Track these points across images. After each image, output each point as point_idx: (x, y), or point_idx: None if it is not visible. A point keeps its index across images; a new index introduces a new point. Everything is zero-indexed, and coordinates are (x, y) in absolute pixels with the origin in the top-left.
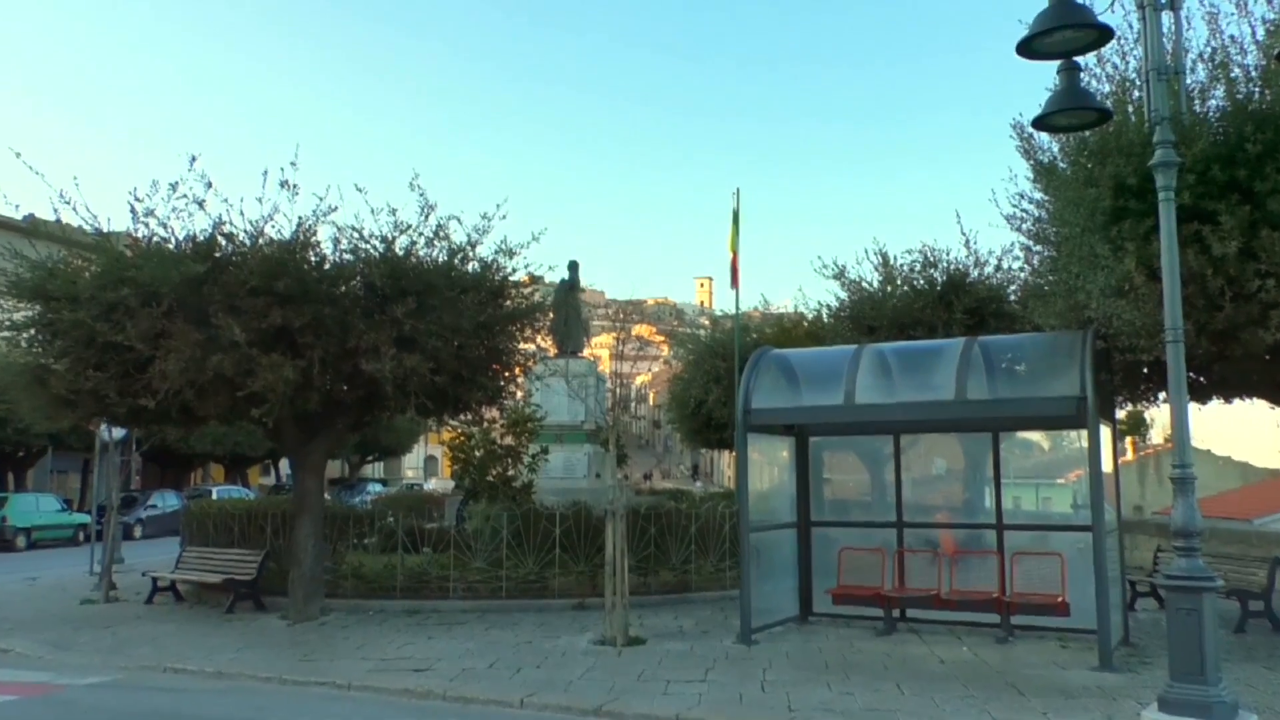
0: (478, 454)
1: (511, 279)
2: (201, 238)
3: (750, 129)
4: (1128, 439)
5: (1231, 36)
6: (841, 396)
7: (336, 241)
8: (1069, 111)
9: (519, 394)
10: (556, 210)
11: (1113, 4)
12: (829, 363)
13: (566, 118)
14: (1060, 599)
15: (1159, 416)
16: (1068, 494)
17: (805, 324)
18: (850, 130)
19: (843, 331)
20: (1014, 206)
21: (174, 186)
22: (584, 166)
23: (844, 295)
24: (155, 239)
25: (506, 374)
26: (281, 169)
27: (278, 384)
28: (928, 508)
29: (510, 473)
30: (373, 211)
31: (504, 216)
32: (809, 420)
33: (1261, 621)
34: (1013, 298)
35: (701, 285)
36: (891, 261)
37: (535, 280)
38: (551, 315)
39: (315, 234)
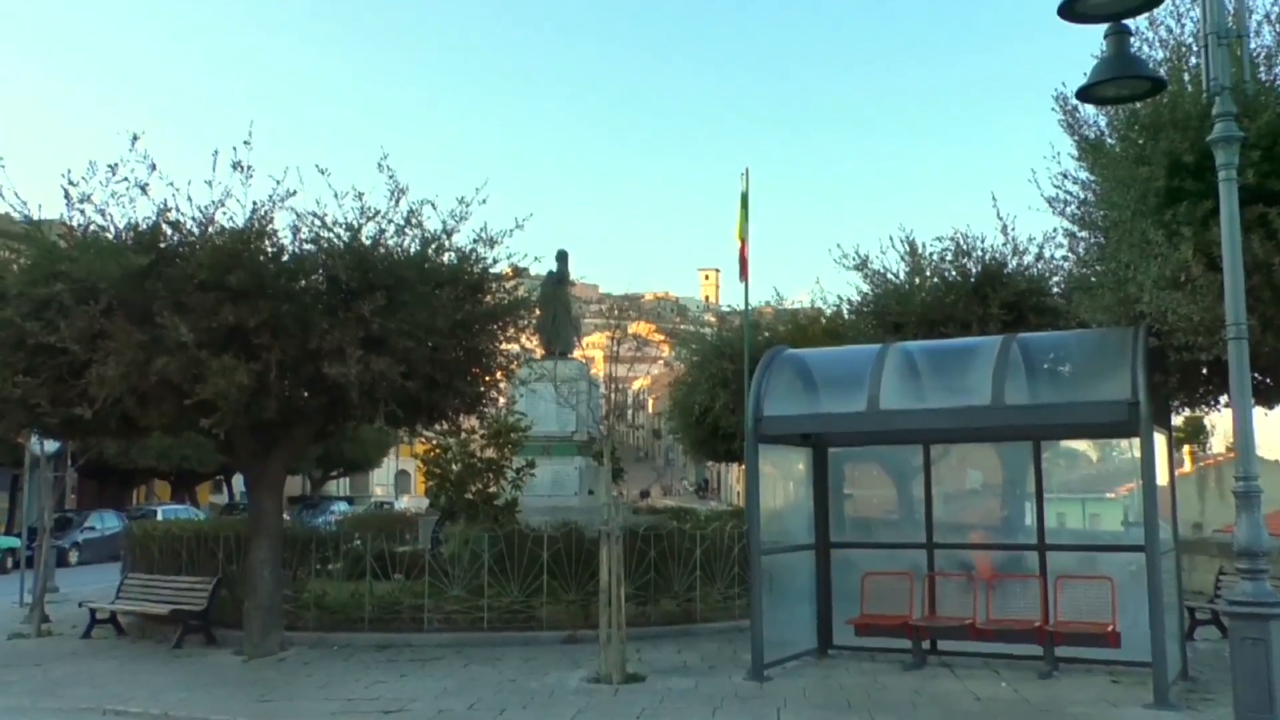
0: (455, 468)
1: (492, 271)
2: (144, 226)
3: (761, 103)
4: (1185, 448)
5: None
6: (864, 402)
7: (296, 230)
8: (1118, 81)
9: (501, 401)
10: (544, 195)
11: None
12: (850, 364)
13: (553, 92)
14: (1110, 628)
15: (1220, 423)
16: (1118, 510)
17: (823, 321)
18: (873, 105)
19: (865, 329)
20: (1056, 188)
21: (113, 169)
22: (574, 147)
23: (866, 288)
24: (92, 228)
25: (487, 378)
26: (234, 149)
27: (230, 390)
28: (961, 526)
29: (492, 490)
30: (336, 196)
31: (484, 201)
32: (828, 429)
33: None
34: (1055, 290)
35: (706, 278)
36: (920, 250)
37: (519, 273)
38: (538, 312)
39: (272, 222)
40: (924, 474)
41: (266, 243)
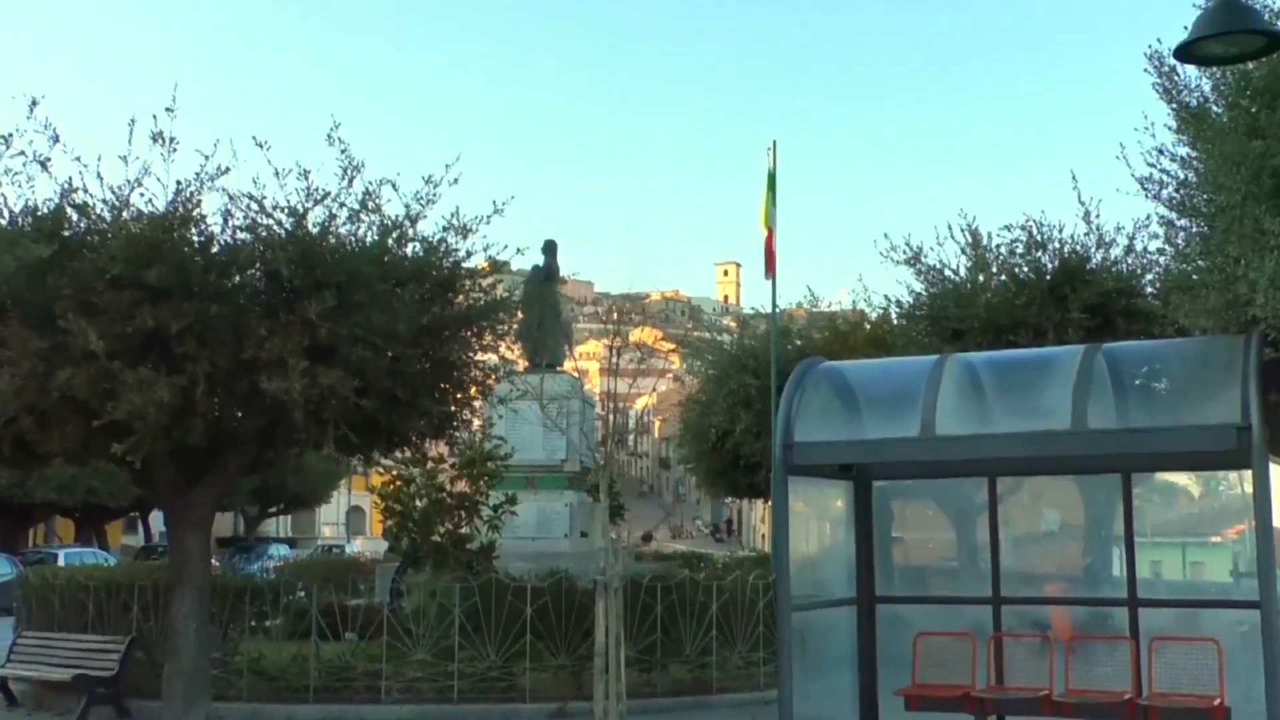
0: (419, 505)
1: (466, 266)
2: (45, 211)
3: (792, 63)
4: None
5: None
6: (917, 426)
7: (228, 215)
8: (1226, 37)
9: (476, 423)
10: (528, 175)
11: None
12: (900, 379)
13: (540, 53)
14: (1217, 701)
15: None
16: (1226, 557)
17: (867, 326)
18: (925, 66)
19: (918, 337)
20: (1150, 166)
21: (7, 140)
22: (565, 115)
23: (920, 287)
24: None
25: (459, 395)
26: (154, 117)
27: (147, 409)
28: (1034, 577)
29: (464, 531)
30: (277, 174)
31: (455, 181)
32: (873, 458)
33: None
34: (1149, 290)
35: (725, 274)
36: (984, 242)
37: (498, 267)
38: (521, 315)
39: (199, 205)
40: (989, 513)
41: (192, 231)
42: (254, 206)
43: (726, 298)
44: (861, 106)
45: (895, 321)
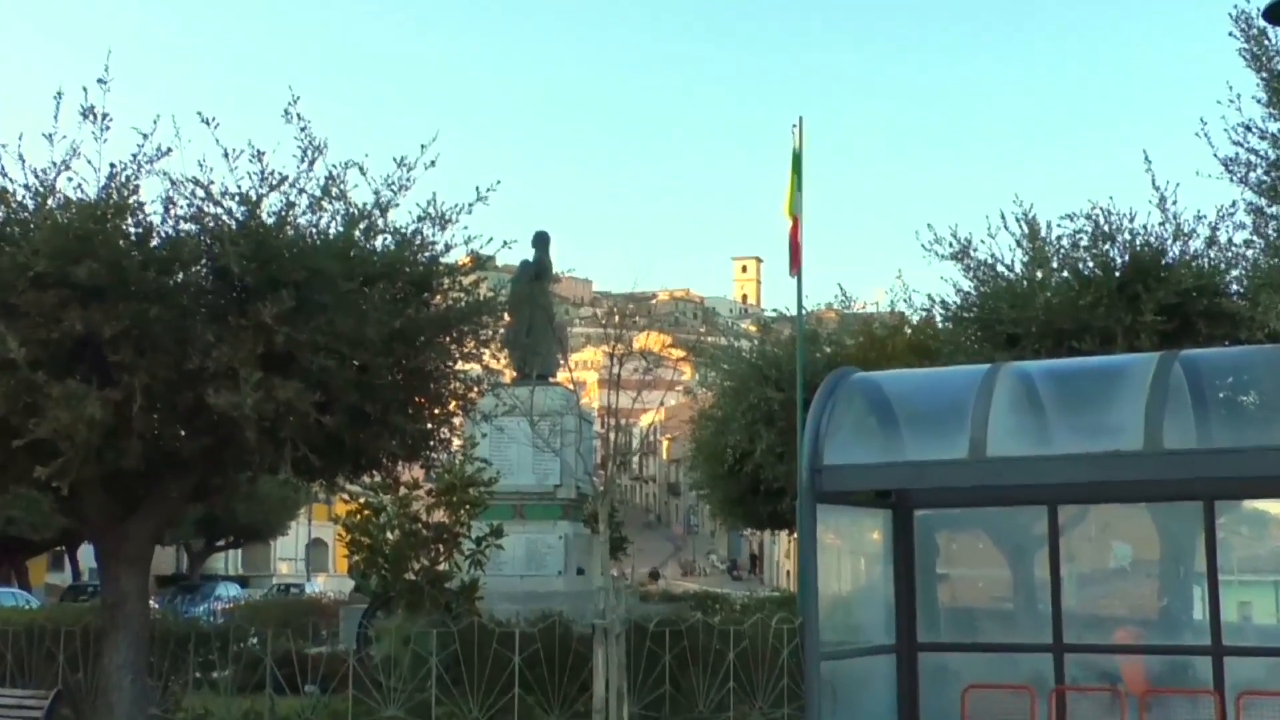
0: (390, 537)
1: (444, 261)
2: None
3: (819, 30)
4: None
5: None
6: (965, 446)
7: (170, 203)
8: None
9: (456, 443)
10: (518, 159)
11: None
12: (945, 392)
13: (528, 24)
14: None
15: None
16: None
17: (908, 331)
18: (972, 33)
19: (967, 343)
20: (1236, 144)
21: None
22: (563, 92)
23: (969, 285)
24: None
25: (436, 411)
26: (85, 89)
27: (77, 427)
28: (1102, 621)
29: (442, 567)
30: (227, 156)
31: (432, 163)
32: (914, 483)
33: None
34: (1235, 288)
35: (743, 270)
36: (1044, 233)
37: (482, 263)
38: (508, 318)
39: (137, 192)
40: (1049, 547)
41: (129, 221)
42: (200, 193)
43: (745, 297)
44: (900, 79)
45: (940, 325)
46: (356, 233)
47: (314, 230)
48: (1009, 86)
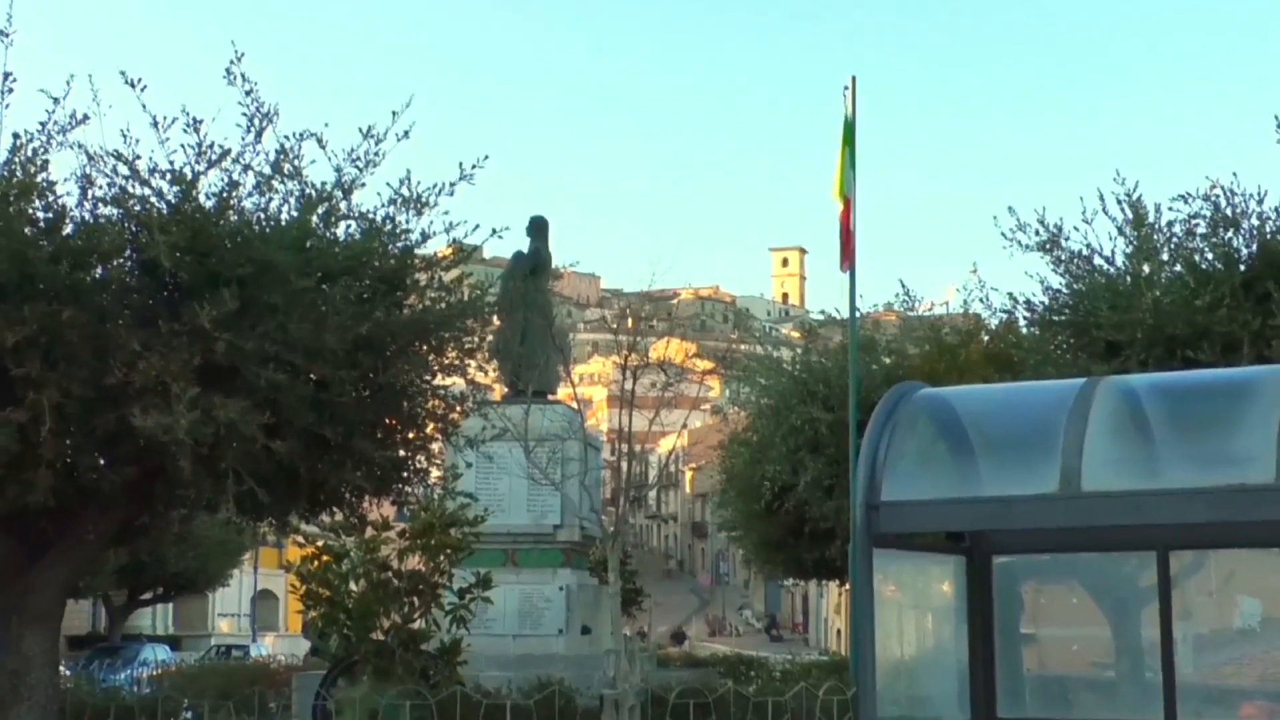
0: (354, 588)
1: (420, 253)
2: None
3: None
4: None
5: None
6: (1056, 478)
7: (87, 182)
8: None
9: (434, 474)
10: (512, 130)
11: None
12: (1031, 412)
13: None
14: None
15: None
16: None
17: (984, 337)
18: None
19: (1057, 352)
20: None
21: None
22: (564, 59)
23: (1059, 282)
24: None
25: (410, 435)
26: None
27: None
28: (1226, 693)
29: (417, 625)
30: (156, 125)
31: (406, 134)
32: (993, 524)
33: None
34: None
35: (784, 263)
36: (1151, 218)
37: (464, 254)
38: (498, 322)
39: (45, 169)
40: (1159, 602)
41: (35, 204)
42: (123, 170)
43: (786, 296)
44: (970, 35)
45: (1024, 330)
46: (314, 218)
47: (262, 215)
48: (1104, 40)
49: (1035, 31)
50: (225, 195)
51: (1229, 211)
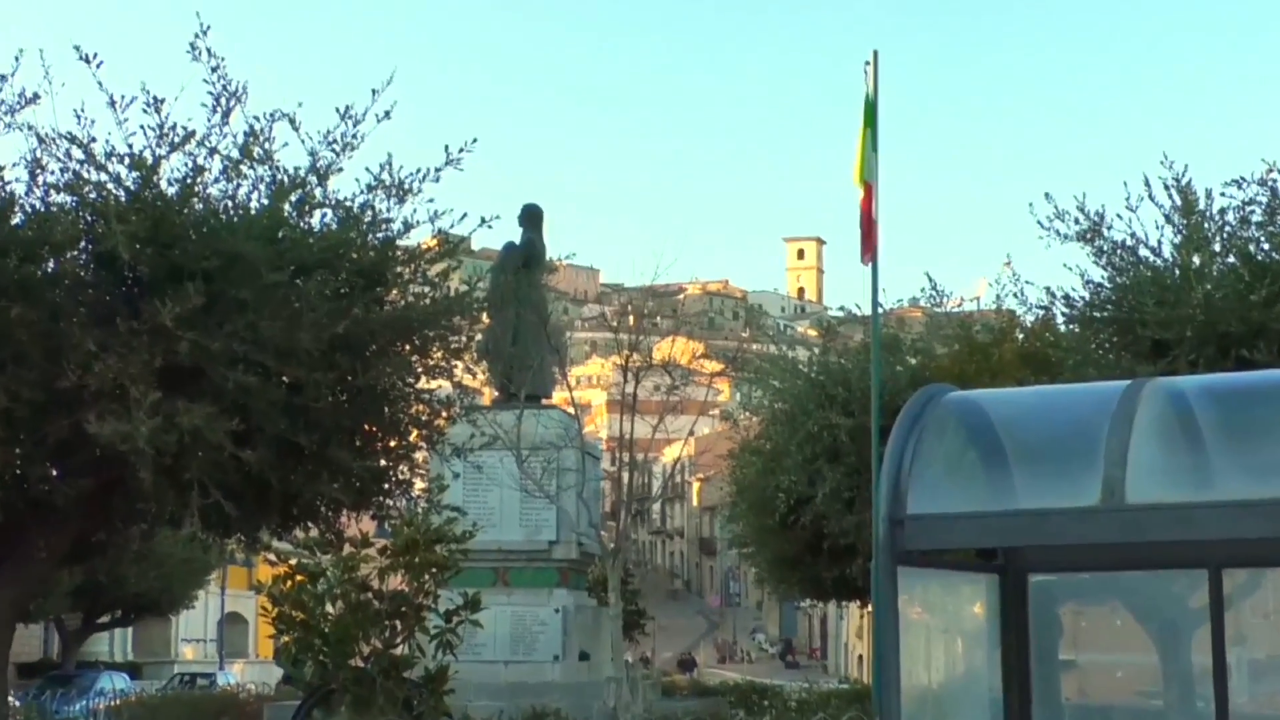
0: (330, 611)
1: (403, 245)
2: None
3: None
4: None
5: None
6: (1098, 489)
7: (38, 168)
8: None
9: (418, 486)
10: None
11: None
12: (1070, 416)
13: None
14: None
15: None
16: None
17: (1019, 335)
18: None
19: (1098, 351)
20: None
21: None
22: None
23: (1101, 275)
24: None
25: (392, 444)
26: None
27: None
28: None
29: (399, 650)
30: (114, 104)
31: (387, 114)
32: (1029, 540)
33: None
34: None
35: (799, 255)
36: (1201, 205)
37: (451, 245)
38: (487, 320)
39: None
40: (1212, 625)
41: None
42: (78, 154)
43: (802, 291)
44: (1002, 7)
45: (1062, 328)
46: (286, 206)
47: (229, 203)
48: (1149, 9)
49: (1072, 1)
50: (189, 181)
51: None
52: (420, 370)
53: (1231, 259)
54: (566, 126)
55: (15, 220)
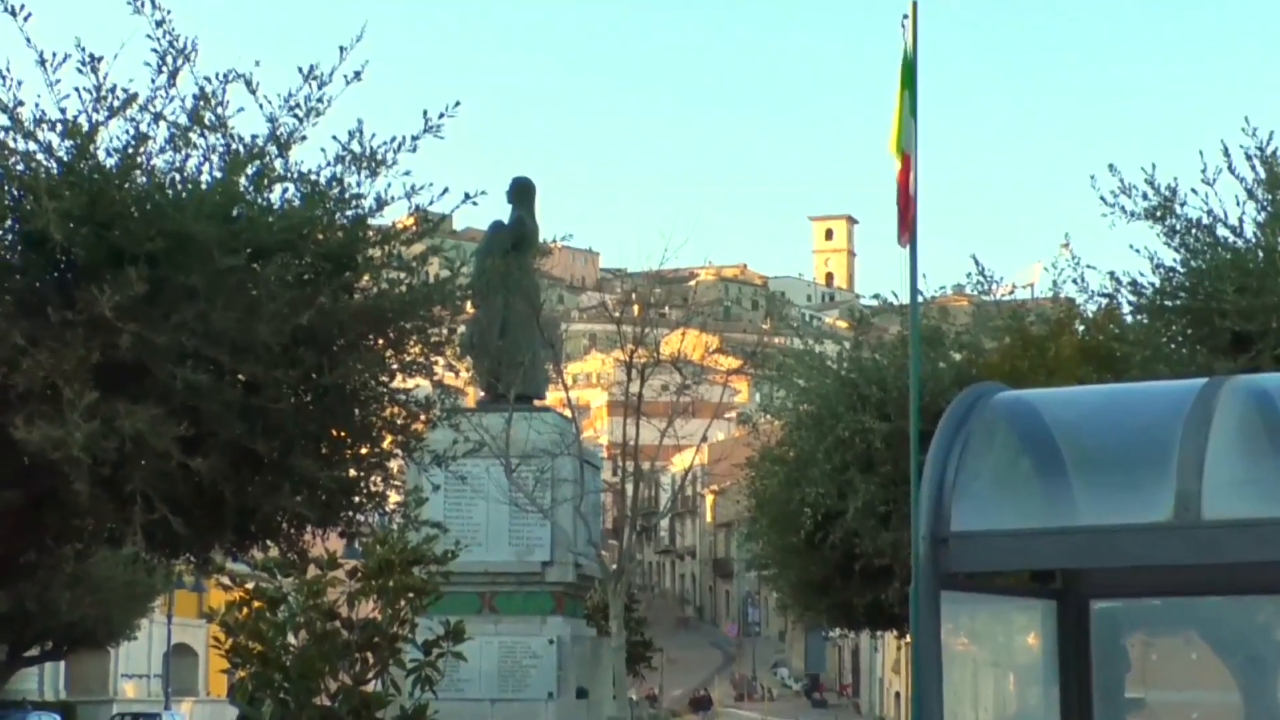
0: (293, 642)
1: (375, 224)
2: None
3: None
4: None
5: None
6: (1170, 503)
7: None
8: None
9: (393, 500)
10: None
11: None
12: (1138, 420)
13: None
14: None
15: None
16: None
17: (1079, 328)
18: None
19: (1170, 346)
20: None
21: None
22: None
23: (1173, 258)
24: None
25: (363, 451)
26: None
27: None
28: None
29: (372, 686)
30: (43, 63)
31: (357, 75)
32: (1091, 561)
33: None
34: None
35: (827, 236)
36: None
37: (430, 225)
38: (471, 309)
39: None
40: None
41: None
42: (2, 120)
43: (830, 277)
44: None
45: (1129, 319)
46: (242, 180)
47: (177, 177)
48: None
49: None
50: (130, 151)
51: None
52: (395, 367)
53: None
54: (561, 92)
55: None
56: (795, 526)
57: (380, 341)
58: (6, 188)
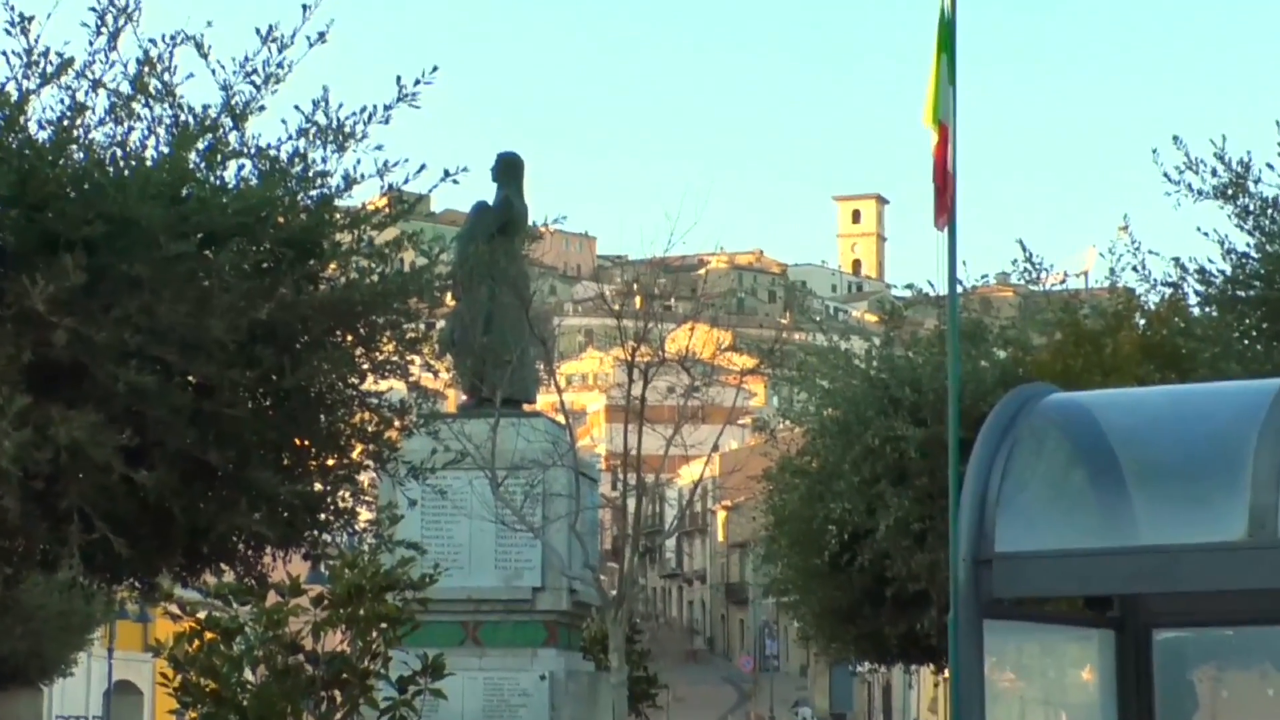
0: (250, 678)
1: (341, 203)
2: None
3: None
4: None
5: None
6: (1243, 521)
7: None
8: None
9: (364, 517)
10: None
11: None
12: (1205, 426)
13: None
14: None
15: None
16: None
17: (1139, 322)
18: None
19: (1241, 342)
20: None
21: None
22: None
23: (1246, 243)
24: None
25: (330, 462)
26: None
27: None
28: None
29: None
30: None
31: (321, 36)
32: (1153, 586)
33: None
34: None
35: (854, 218)
36: None
37: (405, 206)
38: (453, 302)
39: None
40: None
41: None
42: None
43: (857, 265)
44: None
45: (1196, 311)
46: (193, 156)
47: (119, 152)
48: None
49: None
50: (66, 123)
51: None
52: (366, 367)
53: None
54: (552, 57)
55: None
56: (818, 547)
57: (349, 338)
58: None
